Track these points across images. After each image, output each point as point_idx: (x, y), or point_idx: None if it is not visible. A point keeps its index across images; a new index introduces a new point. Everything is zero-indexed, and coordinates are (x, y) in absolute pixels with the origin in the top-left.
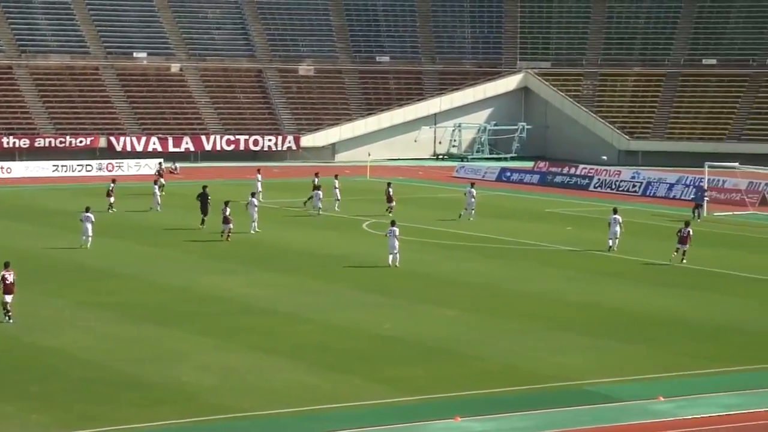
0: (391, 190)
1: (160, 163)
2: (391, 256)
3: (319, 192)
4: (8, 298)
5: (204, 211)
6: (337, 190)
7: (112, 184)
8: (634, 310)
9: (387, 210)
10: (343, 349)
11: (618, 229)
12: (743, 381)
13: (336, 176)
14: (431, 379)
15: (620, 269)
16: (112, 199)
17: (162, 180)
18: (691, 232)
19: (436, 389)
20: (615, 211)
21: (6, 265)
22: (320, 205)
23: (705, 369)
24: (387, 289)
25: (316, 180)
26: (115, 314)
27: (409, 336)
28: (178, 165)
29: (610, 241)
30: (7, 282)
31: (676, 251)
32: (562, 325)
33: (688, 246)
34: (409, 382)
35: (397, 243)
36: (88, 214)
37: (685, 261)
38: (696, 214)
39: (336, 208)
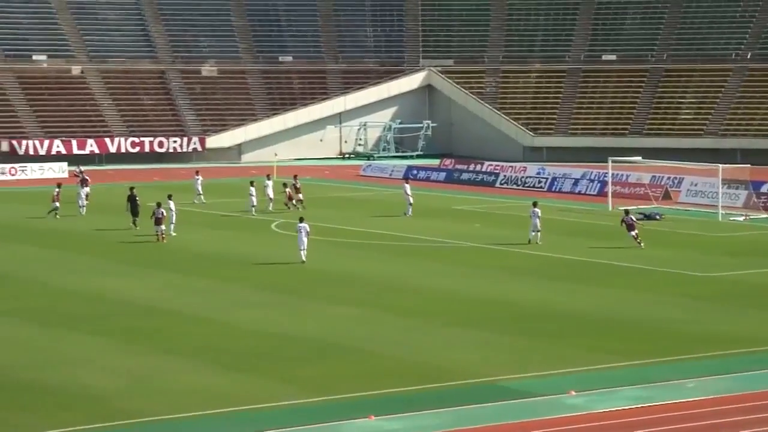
0: (289, 188)
1: (80, 168)
2: (301, 253)
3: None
4: None
5: (134, 212)
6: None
7: (57, 189)
8: (540, 305)
9: (294, 205)
10: (247, 349)
11: (538, 222)
12: (649, 374)
13: (266, 177)
14: (339, 378)
15: (526, 264)
16: (57, 204)
17: (87, 188)
18: (634, 218)
19: (345, 388)
20: (535, 205)
21: None
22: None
23: (611, 363)
24: (289, 287)
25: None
26: (10, 319)
27: (313, 335)
28: (82, 168)
29: (532, 234)
30: None
31: (634, 238)
32: (470, 322)
33: (637, 231)
34: (314, 381)
35: (306, 240)
36: None
37: (642, 244)
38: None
39: (270, 208)
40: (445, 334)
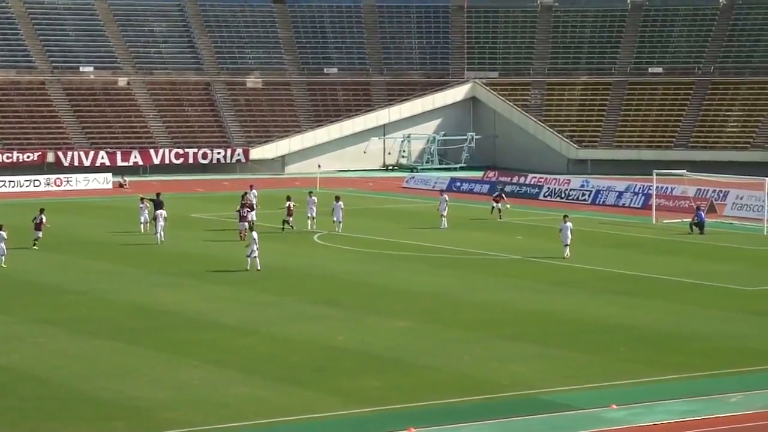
0: (291, 203)
1: (124, 179)
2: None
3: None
4: None
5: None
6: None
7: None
8: (584, 318)
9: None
10: (295, 361)
11: (569, 235)
12: (692, 388)
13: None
14: (384, 390)
15: (569, 277)
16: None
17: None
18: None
19: (390, 400)
20: (565, 218)
21: None
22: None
23: (654, 376)
24: (337, 300)
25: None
26: (64, 330)
27: (360, 347)
28: (127, 179)
29: (566, 249)
30: None
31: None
32: (512, 334)
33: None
34: (362, 394)
35: (256, 246)
36: (1, 232)
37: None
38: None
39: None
40: (496, 347)
